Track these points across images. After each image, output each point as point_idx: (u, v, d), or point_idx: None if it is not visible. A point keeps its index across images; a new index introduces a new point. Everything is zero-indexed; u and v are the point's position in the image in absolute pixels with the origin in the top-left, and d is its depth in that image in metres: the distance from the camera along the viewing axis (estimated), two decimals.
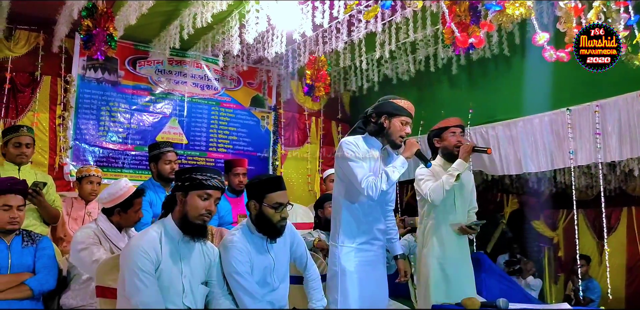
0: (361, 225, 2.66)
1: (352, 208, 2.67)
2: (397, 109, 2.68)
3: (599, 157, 3.79)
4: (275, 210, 2.51)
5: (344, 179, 2.70)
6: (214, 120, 5.53)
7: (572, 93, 3.99)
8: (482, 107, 4.71)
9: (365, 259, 2.65)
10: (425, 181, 3.09)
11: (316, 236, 3.68)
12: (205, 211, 2.29)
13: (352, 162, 2.60)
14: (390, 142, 2.70)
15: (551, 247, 7.74)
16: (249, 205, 2.57)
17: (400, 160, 2.62)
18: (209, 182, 2.29)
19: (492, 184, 7.22)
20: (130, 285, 2.13)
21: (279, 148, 5.89)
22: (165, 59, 5.19)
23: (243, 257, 2.44)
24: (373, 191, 2.53)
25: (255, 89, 5.85)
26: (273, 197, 2.51)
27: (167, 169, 3.78)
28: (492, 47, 4.47)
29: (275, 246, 2.60)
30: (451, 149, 3.14)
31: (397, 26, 4.15)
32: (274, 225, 2.53)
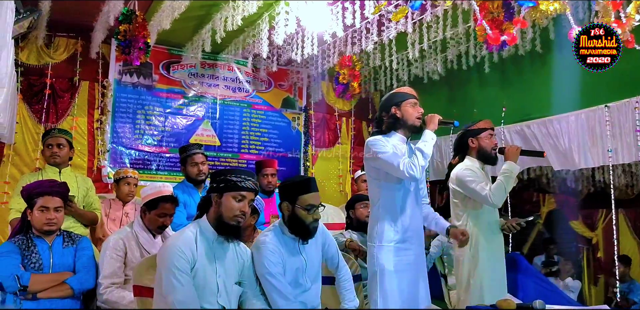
0: (398, 224, 2.64)
1: (388, 207, 2.66)
2: (399, 96, 2.71)
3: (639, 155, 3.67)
4: (308, 211, 2.52)
5: (377, 177, 2.69)
6: (245, 122, 5.58)
7: (610, 89, 3.86)
8: (516, 105, 4.62)
9: (404, 258, 2.62)
10: (478, 183, 3.02)
11: (348, 237, 3.67)
12: (240, 212, 2.31)
13: (382, 154, 2.58)
14: (411, 128, 2.70)
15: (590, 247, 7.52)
16: (281, 207, 2.59)
17: (428, 134, 2.62)
18: (243, 183, 2.32)
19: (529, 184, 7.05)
20: (167, 283, 2.17)
21: (310, 149, 5.90)
22: (198, 62, 5.27)
23: (275, 258, 2.45)
24: (414, 170, 2.50)
25: (286, 90, 5.88)
26: (305, 198, 2.52)
27: (194, 171, 3.84)
28: (525, 43, 4.37)
29: (307, 247, 2.61)
30: (489, 151, 3.12)
31: (427, 25, 4.10)
32: (306, 226, 2.54)
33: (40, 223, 2.76)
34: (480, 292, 2.98)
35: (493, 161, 3.18)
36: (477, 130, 3.17)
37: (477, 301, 2.96)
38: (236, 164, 5.44)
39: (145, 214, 2.97)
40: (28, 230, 2.80)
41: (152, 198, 2.95)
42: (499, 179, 2.98)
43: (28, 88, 4.63)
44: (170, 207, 2.97)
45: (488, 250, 3.02)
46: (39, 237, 2.79)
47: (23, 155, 4.55)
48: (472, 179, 3.05)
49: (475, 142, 3.17)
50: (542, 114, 4.39)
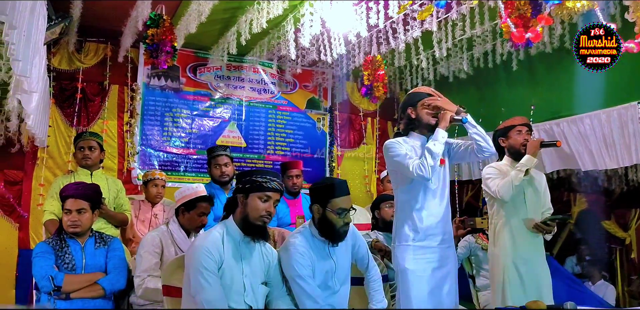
0: (416, 223, 2.61)
1: (405, 207, 2.64)
2: (414, 96, 2.68)
3: None
4: (339, 215, 2.51)
5: (396, 178, 2.69)
6: (271, 123, 5.61)
7: None
8: (545, 103, 4.52)
9: (424, 257, 2.58)
10: (494, 179, 3.06)
11: (374, 237, 3.65)
12: (265, 212, 2.32)
13: (396, 157, 2.58)
14: (426, 127, 2.66)
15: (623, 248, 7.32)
16: (312, 209, 2.59)
17: (439, 133, 2.58)
18: (269, 184, 2.33)
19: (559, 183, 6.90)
20: (195, 283, 2.19)
21: (335, 149, 5.90)
22: (224, 65, 5.33)
23: (305, 261, 2.45)
24: (423, 170, 2.48)
25: (310, 91, 5.89)
26: (337, 202, 2.51)
27: (217, 173, 3.88)
28: (553, 40, 4.28)
29: (337, 249, 2.60)
30: (518, 148, 3.08)
31: (453, 23, 4.05)
32: (337, 230, 2.53)
33: (65, 225, 2.82)
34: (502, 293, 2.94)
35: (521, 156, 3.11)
36: (504, 129, 3.15)
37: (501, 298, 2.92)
38: (262, 165, 5.47)
39: (183, 215, 3.01)
40: (62, 231, 2.87)
41: (190, 199, 2.99)
42: (511, 173, 2.98)
43: (60, 92, 4.75)
44: (207, 206, 3.04)
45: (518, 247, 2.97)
46: (72, 238, 2.85)
47: (56, 158, 4.66)
48: (489, 176, 3.08)
49: (505, 141, 3.15)
50: (572, 112, 4.30)
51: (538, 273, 3.00)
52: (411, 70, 5.52)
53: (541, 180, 3.22)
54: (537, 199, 3.13)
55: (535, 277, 2.97)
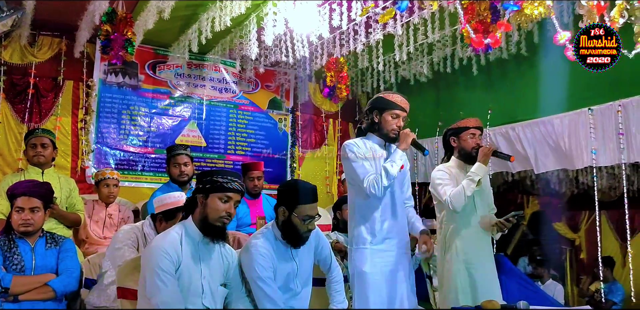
0: (375, 226, 2.63)
1: (364, 209, 2.66)
2: (386, 103, 2.69)
3: (622, 157, 3.71)
4: (304, 221, 2.51)
5: (352, 181, 2.70)
6: (232, 122, 5.56)
7: (593, 92, 3.91)
8: (502, 108, 4.65)
9: (381, 261, 2.62)
10: (444, 186, 2.99)
11: (334, 238, 3.67)
12: (225, 213, 2.30)
13: (354, 163, 2.61)
14: (384, 137, 2.71)
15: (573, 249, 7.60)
16: (278, 210, 2.57)
17: (398, 154, 2.62)
18: (230, 185, 2.30)
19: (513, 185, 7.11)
20: (150, 285, 2.14)
21: (297, 150, 5.90)
22: (184, 62, 5.24)
23: (266, 263, 2.43)
24: (375, 189, 2.53)
25: (272, 91, 5.87)
26: (305, 209, 2.51)
27: (176, 172, 3.83)
28: (510, 47, 4.41)
29: (300, 251, 2.59)
30: (469, 151, 3.08)
31: (414, 27, 4.12)
32: (299, 235, 2.53)
33: (16, 224, 2.72)
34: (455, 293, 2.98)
35: (475, 162, 3.14)
36: (458, 129, 3.12)
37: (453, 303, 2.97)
38: (222, 165, 5.42)
39: (160, 223, 2.92)
40: (10, 231, 2.75)
41: (170, 208, 2.91)
42: (462, 183, 2.92)
43: (11, 87, 4.56)
44: None
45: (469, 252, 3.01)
46: (21, 238, 2.74)
47: (5, 156, 4.48)
48: (440, 181, 3.03)
49: (457, 142, 3.14)
50: (528, 117, 4.43)
51: (488, 274, 3.06)
52: (372, 73, 5.57)
53: (486, 182, 3.28)
54: (484, 201, 3.18)
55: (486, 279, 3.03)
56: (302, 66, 5.25)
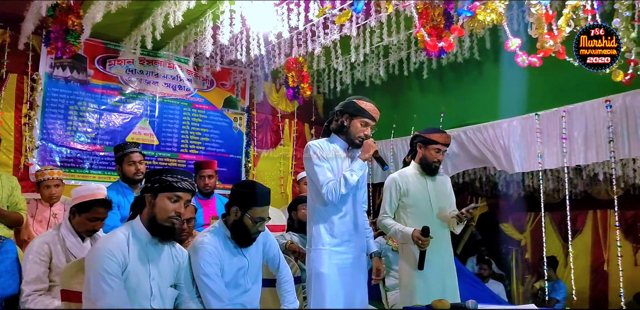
0: (334, 228, 2.65)
1: (325, 210, 2.67)
2: (358, 110, 2.70)
3: (565, 161, 3.87)
4: (255, 223, 2.52)
5: (311, 181, 2.71)
6: (185, 121, 5.45)
7: (540, 98, 4.06)
8: (454, 111, 4.77)
9: (341, 262, 2.64)
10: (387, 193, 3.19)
11: (288, 238, 3.66)
12: (175, 214, 2.24)
13: (316, 166, 2.63)
14: (349, 142, 2.74)
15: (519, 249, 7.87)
16: (229, 209, 2.56)
17: (358, 163, 2.66)
18: (180, 184, 2.25)
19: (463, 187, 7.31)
20: (95, 288, 2.07)
21: (252, 150, 5.85)
22: (136, 58, 5.10)
23: (212, 259, 2.42)
24: (332, 196, 2.57)
25: (228, 90, 5.80)
26: (257, 211, 2.52)
27: (132, 170, 3.71)
28: (463, 52, 4.53)
29: (249, 248, 2.59)
30: (430, 163, 3.20)
31: (371, 30, 4.17)
32: (249, 235, 2.54)
33: None
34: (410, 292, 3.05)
35: (432, 173, 3.25)
36: (428, 140, 3.21)
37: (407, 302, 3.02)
38: (175, 164, 5.31)
39: (74, 216, 2.81)
40: None
41: (84, 200, 2.80)
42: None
43: None
44: (102, 211, 2.84)
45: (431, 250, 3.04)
46: None
47: None
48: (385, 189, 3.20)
49: (422, 150, 3.24)
50: (478, 120, 4.56)
51: (444, 274, 3.13)
52: (329, 74, 5.60)
53: (446, 183, 3.37)
54: (443, 202, 3.25)
55: (441, 278, 3.10)
56: (259, 65, 5.22)
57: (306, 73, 5.20)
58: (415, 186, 3.20)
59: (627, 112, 3.55)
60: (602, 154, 3.68)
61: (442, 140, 3.19)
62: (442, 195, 3.28)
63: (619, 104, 3.59)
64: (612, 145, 3.57)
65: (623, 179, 5.81)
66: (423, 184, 3.23)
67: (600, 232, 7.06)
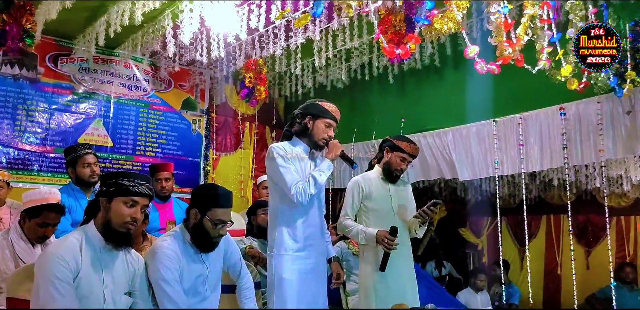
0: (298, 232, 2.65)
1: (288, 215, 2.67)
2: (321, 111, 2.72)
3: (522, 167, 3.99)
4: (216, 226, 2.48)
5: (276, 185, 2.70)
6: (142, 122, 5.35)
7: (498, 105, 4.18)
8: (414, 117, 4.85)
9: (303, 267, 2.64)
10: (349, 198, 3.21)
11: (248, 243, 3.63)
12: (131, 219, 2.19)
13: (282, 168, 2.61)
14: (312, 144, 2.75)
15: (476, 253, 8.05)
16: (189, 212, 2.52)
17: (326, 163, 2.68)
18: (136, 188, 2.20)
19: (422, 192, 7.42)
20: (44, 294, 2.00)
21: (211, 153, 5.78)
22: (90, 56, 4.96)
23: (172, 264, 2.37)
24: (302, 196, 2.57)
25: (186, 91, 5.72)
26: (218, 213, 2.47)
27: (87, 172, 3.60)
28: (424, 58, 4.62)
29: (209, 255, 2.56)
30: (391, 170, 3.24)
31: (333, 33, 4.20)
32: (209, 239, 2.50)
33: None
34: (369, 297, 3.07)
35: (393, 180, 3.30)
36: (395, 146, 3.24)
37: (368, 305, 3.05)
38: (130, 166, 5.19)
39: (24, 221, 2.71)
40: None
41: (34, 205, 2.71)
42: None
43: None
44: (54, 217, 2.77)
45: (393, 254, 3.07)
46: None
47: None
48: (348, 191, 3.21)
49: (388, 155, 3.27)
50: (438, 126, 4.66)
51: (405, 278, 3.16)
52: (290, 77, 5.61)
53: (407, 190, 3.43)
54: (404, 207, 3.32)
55: (402, 282, 3.13)
56: (219, 67, 5.17)
57: (264, 76, 5.19)
58: (377, 190, 3.24)
59: (580, 119, 3.70)
60: (557, 160, 3.82)
61: (409, 149, 3.22)
62: (404, 201, 3.34)
63: (573, 112, 3.75)
64: (566, 151, 3.71)
65: (576, 184, 6.05)
66: (385, 188, 3.27)
67: (554, 236, 7.31)
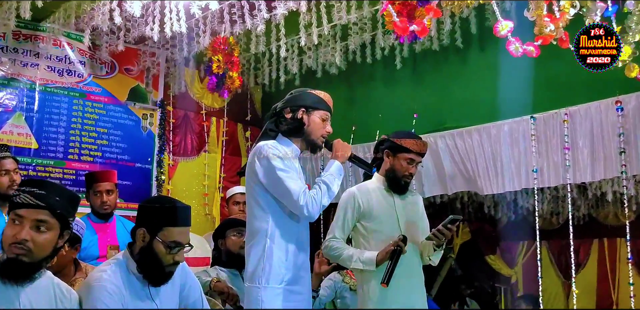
0: (291, 261, 2.66)
1: (281, 238, 2.66)
2: (316, 101, 2.74)
3: (567, 177, 3.99)
4: (170, 250, 2.45)
5: (266, 198, 2.67)
6: (76, 117, 5.34)
7: (537, 97, 4.16)
8: (429, 111, 4.86)
9: (294, 304, 2.64)
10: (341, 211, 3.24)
11: (214, 275, 3.61)
12: (15, 240, 2.12)
13: (283, 172, 2.60)
14: (309, 143, 2.75)
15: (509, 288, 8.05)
16: (136, 233, 2.51)
17: (336, 166, 2.68)
18: (19, 198, 2.17)
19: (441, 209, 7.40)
20: None
21: (166, 157, 5.78)
22: (9, 32, 4.94)
23: (113, 301, 2.36)
24: (314, 208, 2.56)
25: (135, 77, 5.72)
26: (173, 232, 2.46)
27: (4, 182, 3.59)
28: (442, 36, 4.62)
29: (160, 289, 2.54)
30: (398, 177, 3.22)
31: (327, 4, 4.21)
32: (161, 268, 2.48)
33: None
34: None
35: (400, 190, 3.29)
36: (398, 147, 3.23)
37: None
38: (60, 175, 5.17)
39: None
40: None
41: None
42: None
43: None
44: None
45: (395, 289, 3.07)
46: None
47: None
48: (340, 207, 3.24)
49: (390, 159, 3.27)
50: (459, 124, 4.67)
51: None
52: (270, 60, 5.60)
53: (418, 203, 3.43)
54: (415, 227, 3.30)
55: None
56: (178, 46, 5.17)
57: (237, 58, 5.19)
58: (380, 205, 3.23)
59: None
60: (612, 169, 3.82)
61: (416, 148, 3.22)
62: (414, 217, 3.33)
63: (632, 106, 3.74)
64: (624, 157, 3.71)
65: (636, 200, 6.02)
66: (390, 203, 3.27)
67: (608, 266, 7.33)
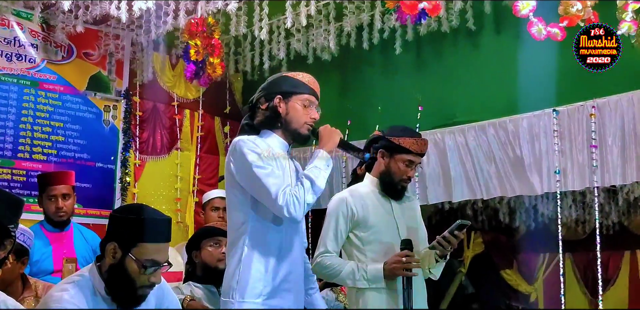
0: (270, 272, 2.66)
1: (260, 246, 2.67)
2: (295, 85, 2.74)
3: (594, 179, 4.01)
4: (145, 269, 2.44)
5: (245, 200, 2.69)
6: (27, 109, 5.34)
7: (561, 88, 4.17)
8: (436, 104, 4.89)
9: None
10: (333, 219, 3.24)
11: (187, 293, 3.63)
12: None
13: (260, 169, 2.59)
14: (293, 133, 2.75)
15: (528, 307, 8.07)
16: (105, 248, 2.50)
17: (323, 156, 2.67)
18: None
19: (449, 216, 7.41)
20: None
21: (132, 156, 5.79)
22: None
23: None
24: (296, 208, 2.55)
25: (95, 63, 5.72)
26: (149, 249, 2.45)
27: None
28: (451, 17, 4.63)
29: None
30: (394, 181, 3.25)
31: None
32: (133, 290, 2.47)
33: None
34: None
35: (397, 195, 3.31)
36: (396, 147, 3.24)
37: None
38: (9, 176, 5.17)
39: None
40: None
41: None
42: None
43: None
44: None
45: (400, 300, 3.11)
46: None
47: None
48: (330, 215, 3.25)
49: (385, 160, 3.28)
50: (471, 118, 4.70)
51: None
52: (253, 44, 5.62)
53: (415, 208, 3.46)
54: (414, 234, 3.30)
55: None
56: (145, 27, 5.17)
57: (218, 41, 5.19)
58: (376, 212, 3.25)
59: None
60: None
61: (416, 148, 3.24)
62: (413, 223, 3.35)
63: None
64: None
65: None
66: (387, 209, 3.29)
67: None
